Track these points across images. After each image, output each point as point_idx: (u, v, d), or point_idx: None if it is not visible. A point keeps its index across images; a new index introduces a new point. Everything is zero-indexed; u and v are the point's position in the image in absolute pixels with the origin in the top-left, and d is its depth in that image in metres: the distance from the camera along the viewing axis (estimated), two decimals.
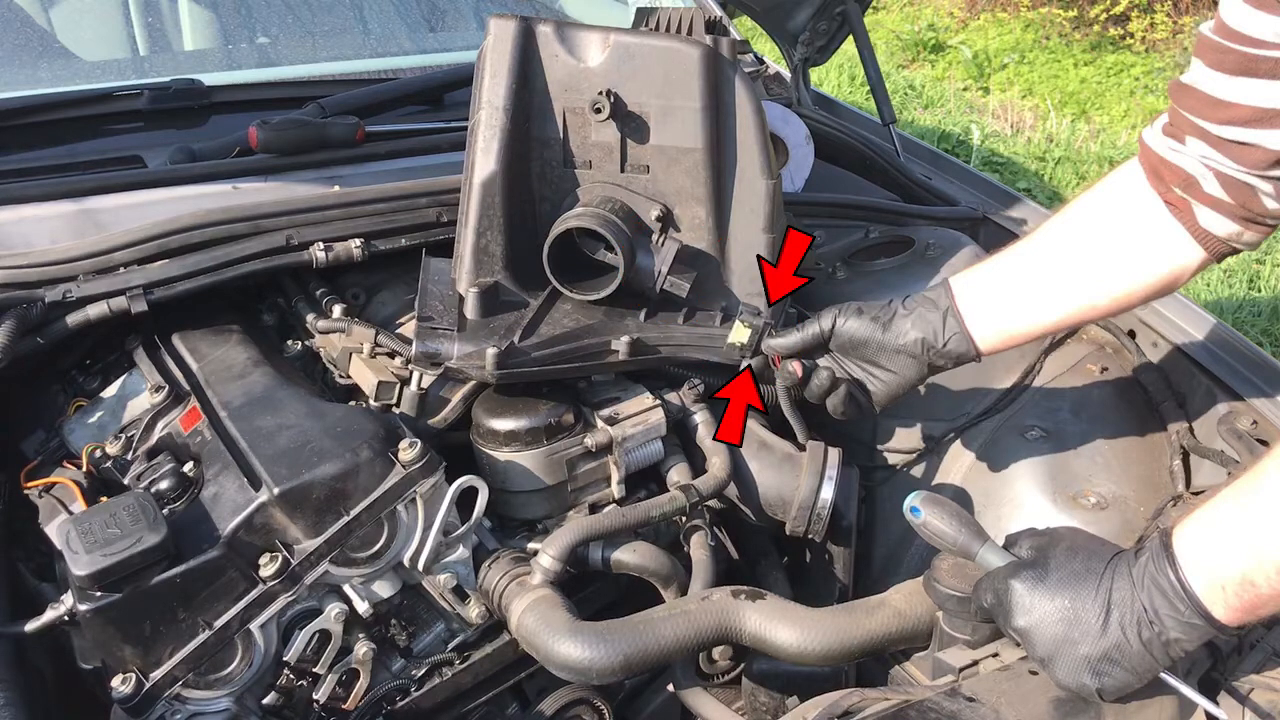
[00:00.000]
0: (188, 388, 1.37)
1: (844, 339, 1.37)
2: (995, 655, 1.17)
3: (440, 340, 1.33)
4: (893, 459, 1.69)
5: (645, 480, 1.45)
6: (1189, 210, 1.20)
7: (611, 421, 1.37)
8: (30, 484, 1.35)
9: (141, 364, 1.45)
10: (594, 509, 1.39)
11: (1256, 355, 1.53)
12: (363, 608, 1.23)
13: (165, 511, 1.14)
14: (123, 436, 1.34)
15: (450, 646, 1.32)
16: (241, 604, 1.14)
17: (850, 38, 2.26)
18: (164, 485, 1.19)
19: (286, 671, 1.21)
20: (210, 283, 1.43)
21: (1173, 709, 1.06)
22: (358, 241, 1.51)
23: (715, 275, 1.47)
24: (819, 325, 1.38)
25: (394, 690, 1.28)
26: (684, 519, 1.38)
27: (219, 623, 1.13)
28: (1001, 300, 1.32)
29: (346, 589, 1.23)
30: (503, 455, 1.34)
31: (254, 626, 1.16)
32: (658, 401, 1.42)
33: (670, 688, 1.32)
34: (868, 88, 2.33)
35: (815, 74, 2.42)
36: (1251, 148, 1.10)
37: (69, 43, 2.01)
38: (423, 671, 1.29)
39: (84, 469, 1.33)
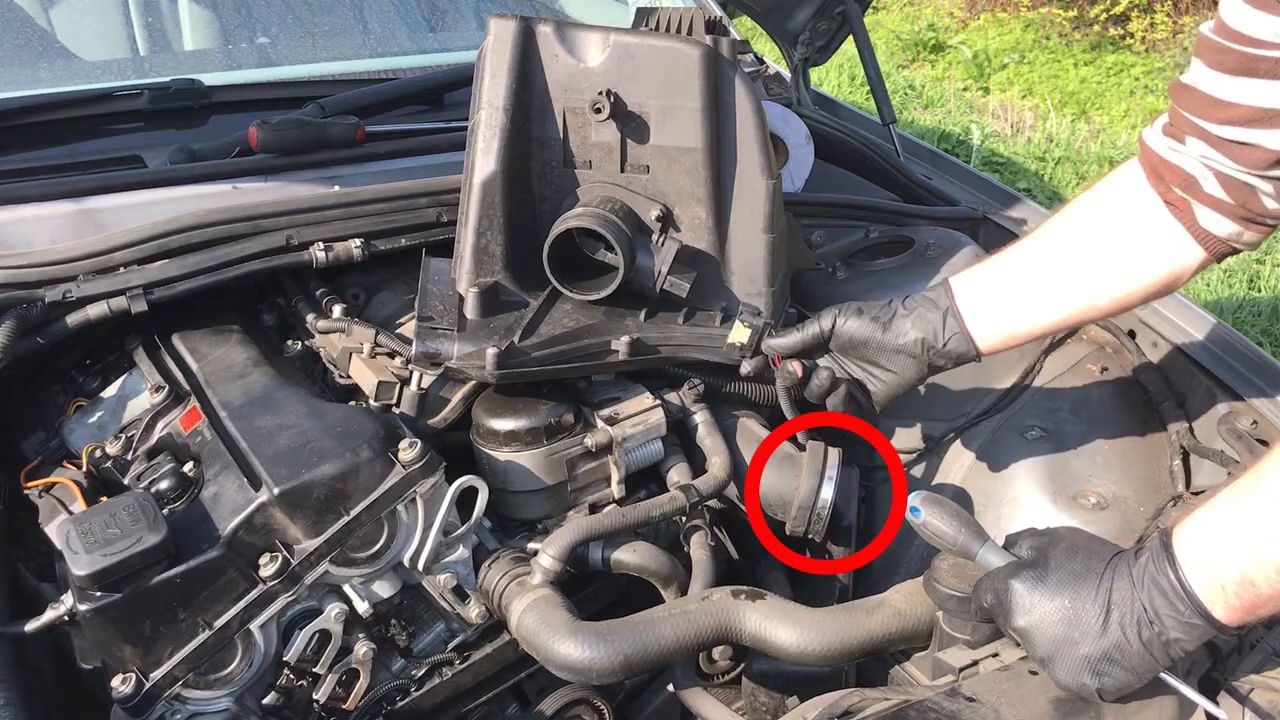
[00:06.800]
0: (188, 388, 1.37)
1: (844, 339, 1.37)
2: (995, 655, 1.17)
3: (440, 340, 1.33)
4: None
5: (645, 480, 1.45)
6: (1189, 210, 1.20)
7: (611, 421, 1.37)
8: (30, 484, 1.35)
9: (141, 364, 1.45)
10: (594, 509, 1.39)
11: (1256, 355, 1.53)
12: (363, 608, 1.23)
13: (165, 511, 1.14)
14: (123, 436, 1.34)
15: (450, 646, 1.32)
16: (241, 604, 1.14)
17: (850, 38, 2.26)
18: (164, 485, 1.19)
19: (286, 671, 1.21)
20: (210, 283, 1.43)
21: (1173, 709, 1.06)
22: (358, 241, 1.50)
23: (715, 275, 1.47)
24: (819, 325, 1.38)
25: (394, 690, 1.28)
26: (684, 519, 1.38)
27: (219, 623, 1.13)
28: (1001, 300, 1.32)
29: (346, 589, 1.23)
30: (503, 455, 1.34)
31: (254, 626, 1.16)
32: (658, 401, 1.42)
33: (670, 688, 1.32)
34: (868, 88, 2.33)
35: (815, 74, 2.42)
36: (1251, 148, 1.10)
37: (69, 43, 2.01)
38: (423, 671, 1.30)
39: (84, 469, 1.33)
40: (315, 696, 1.22)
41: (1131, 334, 1.67)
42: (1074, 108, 6.02)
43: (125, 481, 1.29)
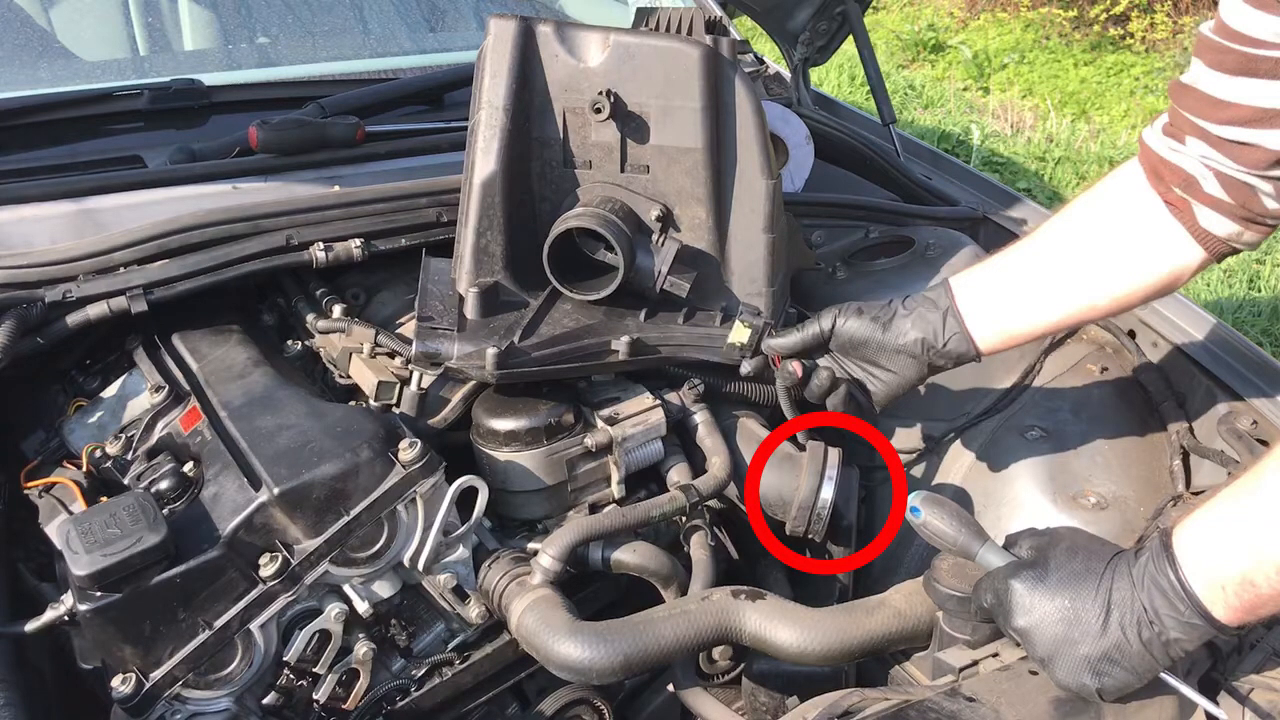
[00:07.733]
0: (188, 388, 1.37)
1: (844, 339, 1.37)
2: (995, 655, 1.17)
3: (440, 340, 1.33)
4: None
5: (645, 480, 1.45)
6: (1189, 210, 1.20)
7: (611, 421, 1.37)
8: (30, 484, 1.35)
9: (141, 364, 1.45)
10: (594, 509, 1.39)
11: (1256, 355, 1.53)
12: (363, 608, 1.23)
13: (165, 511, 1.14)
14: (123, 436, 1.34)
15: (450, 646, 1.32)
16: (241, 604, 1.14)
17: (850, 38, 2.26)
18: (164, 485, 1.19)
19: (286, 671, 1.21)
20: (210, 283, 1.43)
21: (1173, 709, 1.06)
22: (358, 241, 1.51)
23: (715, 275, 1.47)
24: (819, 325, 1.38)
25: (394, 690, 1.28)
26: (684, 519, 1.38)
27: (219, 623, 1.13)
28: (1001, 300, 1.32)
29: (346, 589, 1.23)
30: (503, 455, 1.34)
31: (254, 626, 1.16)
32: (658, 401, 1.42)
33: (670, 688, 1.32)
34: (868, 88, 2.33)
35: (815, 74, 2.42)
36: (1251, 148, 1.10)
37: (69, 43, 2.01)
38: (423, 671, 1.29)
39: (84, 469, 1.33)
40: (315, 696, 1.22)
41: (1131, 334, 1.67)
42: (1074, 108, 6.02)
43: (125, 481, 1.29)
